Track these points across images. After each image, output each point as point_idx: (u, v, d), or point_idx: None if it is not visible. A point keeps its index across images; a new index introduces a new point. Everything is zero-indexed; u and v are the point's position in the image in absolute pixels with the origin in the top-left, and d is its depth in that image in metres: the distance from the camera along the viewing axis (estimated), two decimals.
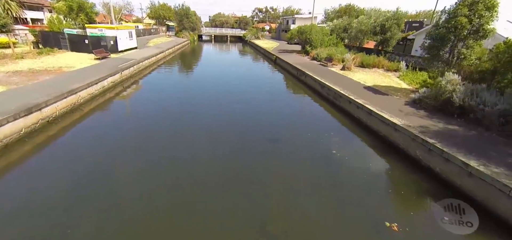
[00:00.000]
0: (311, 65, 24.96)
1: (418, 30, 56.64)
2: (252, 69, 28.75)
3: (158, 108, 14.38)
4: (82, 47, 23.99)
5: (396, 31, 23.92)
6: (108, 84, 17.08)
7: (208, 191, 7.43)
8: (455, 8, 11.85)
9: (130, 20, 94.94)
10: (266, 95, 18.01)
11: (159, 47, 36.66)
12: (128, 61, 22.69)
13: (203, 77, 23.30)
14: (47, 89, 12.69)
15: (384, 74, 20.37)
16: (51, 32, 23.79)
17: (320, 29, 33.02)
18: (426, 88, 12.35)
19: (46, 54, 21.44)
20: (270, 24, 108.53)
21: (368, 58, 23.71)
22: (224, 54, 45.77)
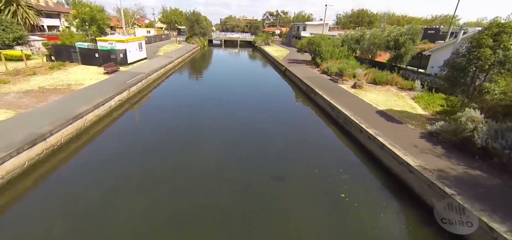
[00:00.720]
0: (321, 81, 24.28)
1: (434, 38, 54.79)
2: (261, 83, 28.27)
3: (162, 132, 14.15)
4: (93, 61, 24.31)
5: (411, 47, 22.88)
6: (115, 104, 17.08)
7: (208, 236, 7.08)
8: (478, 37, 11.01)
9: (143, 25, 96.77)
10: (274, 115, 17.54)
11: (169, 56, 36.87)
12: (136, 75, 22.77)
13: (210, 92, 23.02)
14: (54, 113, 12.72)
15: (398, 94, 19.47)
16: (63, 46, 24.22)
17: (330, 41, 32.24)
18: (444, 122, 11.52)
19: (57, 69, 21.79)
20: (281, 28, 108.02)
21: (381, 74, 22.81)
22: (233, 63, 45.54)
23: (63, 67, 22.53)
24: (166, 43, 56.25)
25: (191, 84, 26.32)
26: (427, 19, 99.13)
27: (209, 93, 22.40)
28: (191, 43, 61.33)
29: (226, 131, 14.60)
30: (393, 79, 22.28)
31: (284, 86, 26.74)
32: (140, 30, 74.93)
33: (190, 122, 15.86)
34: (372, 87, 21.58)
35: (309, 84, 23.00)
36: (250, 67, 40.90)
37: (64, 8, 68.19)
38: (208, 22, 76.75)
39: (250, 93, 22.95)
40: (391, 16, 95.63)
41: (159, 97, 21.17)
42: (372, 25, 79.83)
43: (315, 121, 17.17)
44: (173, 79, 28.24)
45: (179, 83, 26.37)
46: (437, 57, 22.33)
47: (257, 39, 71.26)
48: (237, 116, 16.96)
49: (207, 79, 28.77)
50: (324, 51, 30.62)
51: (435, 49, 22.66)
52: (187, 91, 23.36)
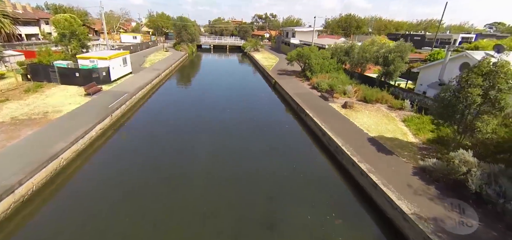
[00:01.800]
0: (311, 98, 23.98)
1: (420, 44, 55.82)
2: (251, 99, 27.54)
3: (145, 167, 13.35)
4: (73, 80, 23.05)
5: (400, 65, 22.91)
6: (97, 134, 16.09)
7: None
8: (466, 75, 10.84)
9: (129, 29, 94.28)
10: (264, 142, 17.00)
11: (155, 68, 35.73)
12: (120, 96, 21.74)
13: (197, 112, 22.20)
14: (26, 154, 11.72)
15: (388, 116, 19.36)
16: (40, 65, 22.80)
17: (320, 53, 32.07)
18: (437, 160, 11.32)
19: (33, 92, 20.46)
20: (270, 32, 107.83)
21: (371, 92, 22.71)
22: (222, 74, 44.69)
23: (40, 90, 21.18)
24: (153, 51, 54.73)
25: (178, 102, 25.36)
26: (412, 23, 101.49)
27: (196, 114, 21.61)
28: (179, 50, 60.04)
29: (214, 165, 13.94)
30: (383, 97, 22.24)
31: (274, 103, 26.24)
32: (125, 35, 73.02)
33: (175, 153, 15.09)
34: (363, 106, 21.43)
35: (299, 103, 22.63)
36: (240, 78, 40.20)
37: (43, 13, 65.18)
38: (196, 28, 75.52)
39: (240, 114, 22.31)
40: (378, 20, 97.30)
41: (143, 121, 20.21)
42: (360, 29, 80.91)
43: (306, 148, 16.76)
44: (159, 95, 27.24)
45: (165, 101, 25.38)
46: (426, 75, 22.49)
47: (246, 44, 70.67)
48: (226, 146, 16.30)
49: (194, 95, 27.93)
50: (313, 64, 30.39)
51: (423, 68, 22.80)
52: (172, 111, 22.47)
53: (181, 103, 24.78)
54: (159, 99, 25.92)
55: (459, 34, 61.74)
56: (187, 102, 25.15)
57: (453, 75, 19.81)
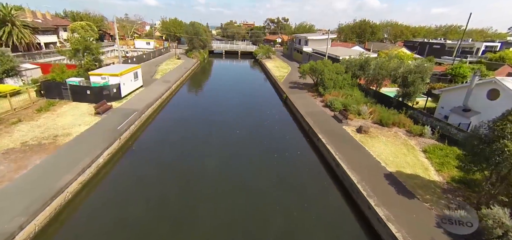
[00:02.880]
0: (324, 119, 23.00)
1: (440, 53, 53.28)
2: (261, 116, 26.56)
3: (151, 200, 12.95)
4: (84, 97, 23.19)
5: (421, 87, 21.54)
6: (104, 161, 15.89)
7: None
8: (501, 122, 9.65)
9: (143, 34, 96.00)
10: (275, 172, 16.28)
11: (166, 80, 35.72)
12: (129, 114, 21.64)
13: (206, 134, 21.74)
14: (32, 190, 11.57)
15: (407, 143, 18.13)
16: (53, 82, 23.09)
17: (333, 67, 30.96)
18: (465, 212, 10.20)
19: (45, 111, 20.65)
20: (282, 37, 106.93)
21: (388, 115, 21.48)
22: (232, 85, 44.26)
23: (51, 108, 21.38)
24: (166, 59, 55.18)
25: (186, 120, 24.93)
26: (430, 28, 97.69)
27: (204, 135, 21.15)
28: (191, 57, 60.28)
29: (221, 200, 13.36)
30: (400, 121, 20.97)
31: (285, 122, 25.27)
32: (139, 41, 74.21)
33: (182, 182, 14.66)
34: (379, 131, 20.26)
35: (311, 124, 21.73)
36: (250, 90, 39.67)
37: (62, 20, 67.30)
38: (208, 34, 75.81)
39: (250, 135, 21.66)
40: (394, 25, 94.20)
41: (151, 142, 19.93)
42: (375, 36, 78.60)
43: (319, 181, 15.81)
44: (168, 112, 27.05)
45: (174, 119, 25.03)
46: (448, 98, 21.03)
47: (258, 51, 70.03)
48: (234, 176, 15.72)
49: (203, 111, 27.51)
50: (326, 80, 29.34)
51: (446, 90, 21.31)
52: (181, 131, 22.05)
53: (190, 121, 24.37)
54: (168, 116, 25.65)
55: (482, 42, 58.53)
56: (195, 120, 24.73)
57: (480, 102, 18.47)
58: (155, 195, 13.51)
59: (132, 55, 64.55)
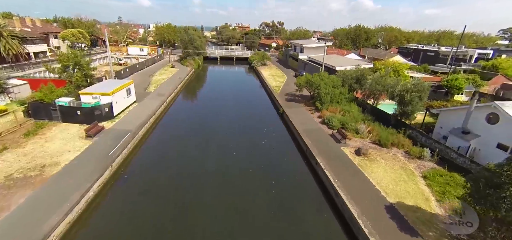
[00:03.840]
0: (321, 138, 22.63)
1: (434, 61, 53.60)
2: (258, 134, 26.00)
3: (144, 230, 12.36)
4: (75, 118, 22.36)
5: (419, 106, 21.37)
6: (94, 193, 15.18)
7: None
8: (508, 167, 9.35)
9: (136, 39, 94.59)
10: (272, 198, 15.84)
11: (160, 93, 34.97)
12: (122, 136, 20.92)
13: (200, 152, 21.25)
14: (15, 237, 10.82)
15: (406, 167, 17.85)
16: (42, 104, 22.17)
17: (330, 80, 30.66)
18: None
19: (33, 135, 19.78)
20: (278, 41, 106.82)
21: (386, 135, 21.21)
22: (227, 94, 43.67)
23: (40, 131, 20.52)
24: (160, 68, 54.31)
25: (181, 139, 24.15)
26: (424, 32, 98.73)
27: (199, 156, 20.58)
28: (186, 65, 59.48)
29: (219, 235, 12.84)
30: (399, 141, 20.74)
31: (283, 140, 24.69)
32: (132, 48, 72.89)
33: (177, 214, 14.14)
34: (378, 153, 19.95)
35: (309, 145, 21.34)
36: (246, 103, 39.13)
37: (52, 27, 65.90)
38: (202, 39, 74.93)
39: (247, 156, 21.13)
40: (388, 29, 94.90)
41: (144, 166, 19.13)
42: (370, 41, 78.96)
43: (319, 212, 15.33)
44: (162, 129, 26.27)
45: (168, 139, 24.08)
46: (447, 118, 20.87)
47: (253, 57, 69.65)
48: (229, 203, 15.21)
49: (198, 128, 26.81)
50: (323, 94, 29.01)
51: (444, 110, 21.14)
52: (175, 153, 21.37)
53: (185, 141, 23.65)
54: (161, 136, 24.78)
55: (475, 50, 59.16)
56: (190, 140, 23.96)
57: (479, 125, 18.29)
58: (149, 230, 12.91)
59: (125, 63, 63.66)
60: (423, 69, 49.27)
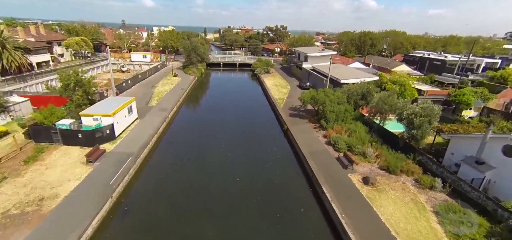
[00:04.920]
0: (327, 162, 21.98)
1: (440, 70, 52.54)
2: (262, 156, 25.34)
3: None
4: (76, 141, 21.97)
5: (428, 131, 20.65)
6: (93, 230, 14.69)
7: None
8: None
9: (140, 44, 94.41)
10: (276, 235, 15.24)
11: (163, 107, 34.56)
12: (123, 161, 20.53)
13: (202, 179, 20.77)
14: None
15: (417, 200, 17.14)
16: (42, 127, 21.80)
17: (335, 96, 29.94)
18: None
19: (33, 162, 19.41)
20: (281, 46, 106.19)
21: (395, 161, 20.48)
22: (230, 109, 43.11)
23: (40, 157, 20.14)
24: (162, 77, 53.99)
25: (182, 160, 23.50)
26: (429, 37, 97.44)
27: (202, 185, 20.06)
28: (188, 73, 59.11)
29: None
30: (408, 168, 20.00)
31: (287, 164, 23.81)
32: (135, 55, 72.74)
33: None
34: (386, 182, 19.26)
35: (315, 170, 20.73)
36: (250, 116, 38.52)
37: (56, 35, 65.85)
38: (205, 46, 74.46)
39: (251, 186, 20.39)
40: (392, 33, 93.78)
41: (144, 196, 18.52)
42: (375, 48, 78.02)
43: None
44: (164, 149, 25.67)
45: (169, 161, 23.27)
46: (459, 145, 20.07)
47: (256, 65, 68.97)
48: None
49: (200, 148, 26.15)
50: (328, 112, 28.32)
51: (455, 136, 20.36)
52: (176, 178, 20.84)
53: (186, 164, 23.04)
54: (163, 157, 24.05)
55: (483, 58, 57.97)
56: (192, 162, 23.43)
57: (495, 156, 17.48)
58: None
59: (128, 70, 63.45)
60: (429, 80, 48.28)
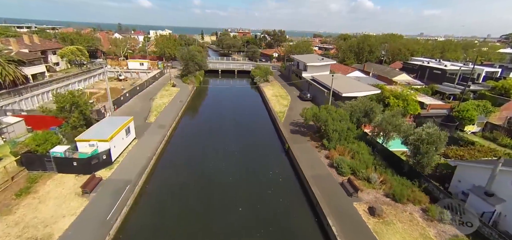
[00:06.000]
0: (331, 188, 21.42)
1: (441, 79, 52.36)
2: (263, 181, 24.22)
3: None
4: (71, 168, 21.15)
5: (435, 158, 20.17)
6: None
7: None
8: None
9: (136, 50, 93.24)
10: None
11: (161, 124, 33.78)
12: (121, 190, 19.85)
13: (202, 209, 20.09)
14: None
15: (426, 235, 16.58)
16: (35, 155, 20.96)
17: (337, 114, 29.40)
18: None
19: (25, 195, 18.55)
20: (279, 51, 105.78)
21: (401, 188, 19.96)
22: (231, 124, 42.38)
23: (33, 188, 19.28)
24: (161, 87, 53.12)
25: (181, 188, 22.45)
26: (427, 42, 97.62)
27: (203, 215, 19.38)
28: (187, 82, 58.37)
29: None
30: (415, 197, 19.47)
31: (290, 189, 23.11)
32: (132, 62, 71.66)
33: None
34: (392, 211, 18.72)
35: (318, 198, 20.16)
36: (250, 132, 37.80)
37: (50, 43, 64.70)
38: (203, 54, 73.72)
39: (253, 216, 19.72)
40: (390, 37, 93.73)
41: (142, 231, 17.90)
42: (373, 54, 77.84)
43: None
44: (162, 173, 24.75)
45: (168, 189, 22.25)
46: (466, 173, 19.59)
47: (255, 73, 68.31)
48: None
49: (200, 171, 25.43)
50: (331, 131, 27.75)
51: (462, 164, 19.89)
52: (175, 208, 20.09)
53: (185, 191, 22.25)
54: (161, 183, 23.12)
55: (483, 67, 57.91)
56: (192, 187, 22.74)
57: (505, 188, 16.97)
58: None
59: (125, 78, 62.40)
60: (430, 90, 48.01)
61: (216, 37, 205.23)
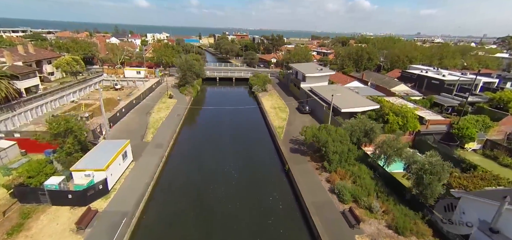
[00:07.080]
0: (333, 219, 21.05)
1: (439, 89, 52.30)
2: (265, 210, 23.62)
3: None
4: (65, 200, 20.55)
5: (438, 189, 19.89)
6: None
7: None
8: None
9: (133, 55, 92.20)
10: None
11: (159, 143, 33.15)
12: (118, 224, 19.32)
13: None
14: None
15: None
16: (29, 188, 20.32)
17: (337, 135, 29.05)
18: None
19: (17, 233, 17.89)
20: (277, 56, 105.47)
21: (403, 219, 19.70)
22: (228, 140, 41.85)
23: (26, 225, 18.62)
24: (158, 99, 52.47)
25: (179, 217, 21.91)
26: (425, 47, 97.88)
27: None
28: (184, 93, 57.74)
29: None
30: (418, 230, 19.19)
31: (291, 217, 22.67)
32: (129, 71, 70.76)
33: None
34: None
35: (320, 231, 19.79)
36: (250, 150, 37.28)
37: (45, 53, 63.67)
38: (201, 62, 73.03)
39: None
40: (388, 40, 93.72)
41: None
42: (372, 62, 77.78)
43: None
44: (160, 201, 24.18)
45: (165, 219, 21.66)
46: (470, 206, 19.30)
47: (253, 81, 67.86)
48: None
49: (198, 197, 24.96)
50: (331, 153, 27.41)
51: (466, 196, 19.61)
52: None
53: (183, 221, 21.86)
54: (158, 212, 22.67)
55: (481, 77, 57.94)
56: (190, 216, 22.32)
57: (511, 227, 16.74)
58: None
59: (121, 87, 61.45)
60: (428, 102, 47.95)
61: (213, 40, 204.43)
